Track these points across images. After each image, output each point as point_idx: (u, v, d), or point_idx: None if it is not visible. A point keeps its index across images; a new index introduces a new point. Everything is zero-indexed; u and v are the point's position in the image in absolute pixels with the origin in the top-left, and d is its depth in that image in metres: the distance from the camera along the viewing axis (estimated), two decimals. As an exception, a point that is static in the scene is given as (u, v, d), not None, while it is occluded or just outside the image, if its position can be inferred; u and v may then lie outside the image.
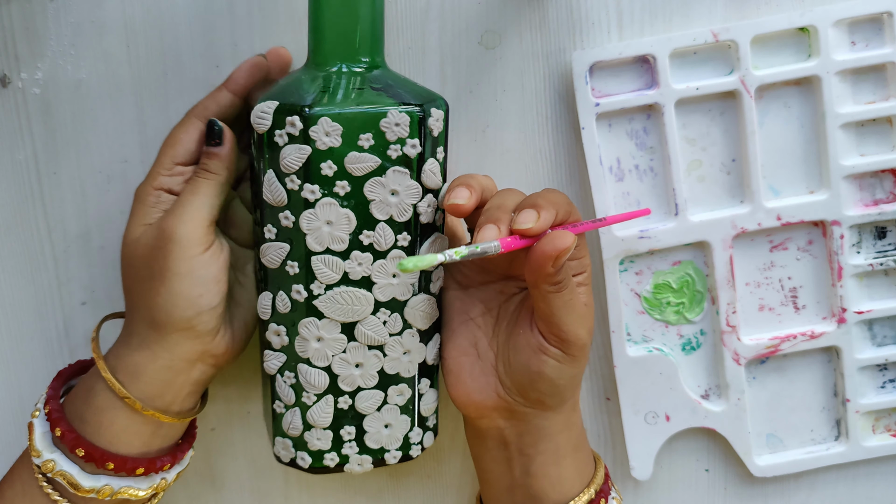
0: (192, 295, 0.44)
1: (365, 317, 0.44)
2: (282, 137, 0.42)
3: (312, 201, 0.43)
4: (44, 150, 0.51)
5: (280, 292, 0.45)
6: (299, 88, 0.43)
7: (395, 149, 0.42)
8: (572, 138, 0.52)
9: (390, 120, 0.42)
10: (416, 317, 0.45)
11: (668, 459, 0.55)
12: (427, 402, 0.47)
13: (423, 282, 0.45)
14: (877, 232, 0.52)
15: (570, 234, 0.40)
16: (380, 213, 0.43)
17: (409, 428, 0.46)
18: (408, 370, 0.46)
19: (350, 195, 0.43)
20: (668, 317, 0.53)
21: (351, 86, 0.43)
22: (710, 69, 0.50)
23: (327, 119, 0.41)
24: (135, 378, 0.45)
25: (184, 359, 0.45)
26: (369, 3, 0.43)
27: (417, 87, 0.45)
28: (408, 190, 0.43)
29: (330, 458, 0.46)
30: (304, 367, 0.45)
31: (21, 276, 0.53)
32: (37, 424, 0.45)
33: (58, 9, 0.50)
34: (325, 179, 0.42)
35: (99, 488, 0.44)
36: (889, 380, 0.53)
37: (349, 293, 0.44)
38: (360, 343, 0.45)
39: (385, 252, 0.43)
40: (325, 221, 0.43)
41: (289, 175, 0.42)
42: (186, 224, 0.44)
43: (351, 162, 0.42)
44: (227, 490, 0.55)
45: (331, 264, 0.43)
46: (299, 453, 0.46)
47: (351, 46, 0.44)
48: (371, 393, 0.45)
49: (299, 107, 0.42)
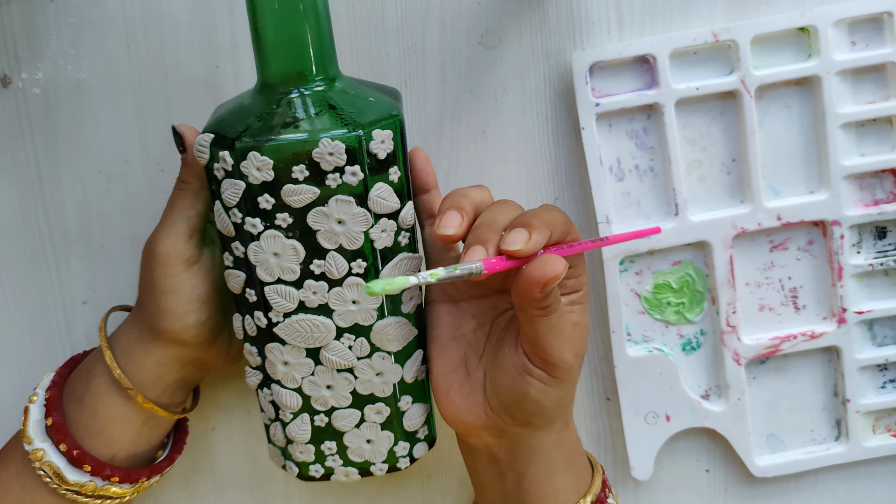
0: (178, 312, 0.44)
1: (328, 343, 0.42)
2: (219, 171, 0.41)
3: (255, 234, 0.41)
4: (44, 150, 0.51)
5: (246, 316, 0.44)
6: (238, 116, 0.41)
7: (334, 178, 0.39)
8: (572, 138, 0.52)
9: (322, 150, 0.39)
10: (384, 341, 0.43)
11: (669, 459, 0.55)
12: (411, 417, 0.45)
13: (389, 305, 0.42)
14: (877, 232, 0.52)
15: (560, 261, 0.38)
16: (328, 242, 0.41)
17: (392, 443, 0.45)
18: (382, 390, 0.44)
19: (293, 227, 0.40)
20: (669, 317, 0.53)
21: (293, 111, 0.40)
22: (710, 69, 0.50)
23: (255, 154, 0.39)
24: (129, 366, 0.46)
25: (177, 360, 0.46)
26: (312, 12, 0.40)
27: (374, 98, 0.42)
28: (355, 218, 0.40)
29: (315, 469, 0.46)
30: (277, 387, 0.44)
31: (22, 275, 0.53)
32: (33, 410, 0.46)
33: (58, 9, 0.50)
34: (264, 213, 0.40)
35: (83, 483, 0.45)
36: (889, 380, 0.53)
37: (307, 321, 0.42)
38: (326, 367, 0.43)
39: (340, 280, 0.41)
40: (271, 253, 0.41)
41: (231, 208, 0.41)
42: (164, 241, 0.44)
43: (287, 195, 0.40)
44: (227, 490, 0.55)
45: (284, 294, 0.42)
46: (287, 462, 0.46)
47: (298, 64, 0.41)
48: (347, 412, 0.44)
49: (229, 140, 0.40)
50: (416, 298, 0.44)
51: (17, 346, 0.53)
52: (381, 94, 0.43)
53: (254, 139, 0.39)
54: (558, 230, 0.40)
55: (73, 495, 0.45)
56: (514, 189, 0.52)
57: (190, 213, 0.44)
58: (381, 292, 0.34)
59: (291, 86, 0.41)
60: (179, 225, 0.44)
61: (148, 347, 0.45)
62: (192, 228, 0.44)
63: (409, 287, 0.35)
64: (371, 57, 0.51)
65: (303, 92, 0.41)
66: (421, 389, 0.46)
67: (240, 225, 0.41)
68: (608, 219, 0.51)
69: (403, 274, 0.41)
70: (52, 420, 0.45)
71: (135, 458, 0.47)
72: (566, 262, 0.38)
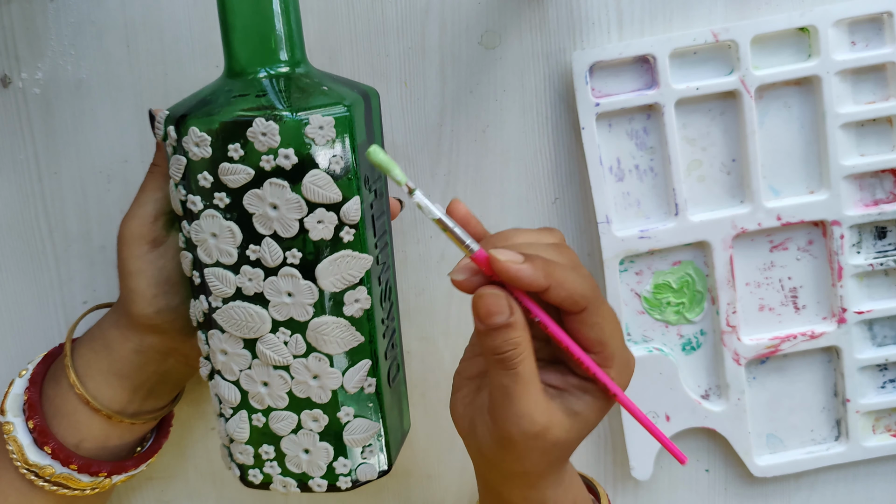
0: (147, 294, 0.44)
1: (263, 334, 0.41)
2: (169, 147, 0.41)
3: (196, 213, 0.41)
4: (44, 149, 0.51)
5: (195, 301, 0.43)
6: (196, 95, 0.42)
7: (268, 160, 0.39)
8: (572, 138, 0.52)
9: (256, 129, 0.38)
10: (320, 341, 0.41)
11: (669, 459, 0.55)
12: (353, 432, 0.43)
13: (328, 303, 0.41)
14: (877, 232, 0.52)
15: (498, 300, 0.35)
16: (263, 227, 0.40)
17: (331, 457, 0.43)
18: (319, 396, 0.42)
19: (231, 207, 0.40)
20: (668, 317, 0.53)
21: (239, 90, 0.40)
22: (710, 69, 0.50)
23: (195, 129, 0.39)
24: (108, 351, 0.46)
25: (155, 349, 0.46)
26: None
27: (328, 88, 0.41)
28: (288, 203, 0.39)
29: (253, 474, 0.44)
30: (218, 378, 0.44)
31: (22, 275, 0.53)
32: (17, 384, 0.46)
33: (58, 9, 0.50)
34: (203, 191, 0.40)
35: (42, 466, 0.45)
36: (889, 380, 0.53)
37: (243, 308, 0.41)
38: (262, 362, 0.42)
39: (275, 269, 0.40)
40: (210, 234, 0.41)
41: (178, 185, 0.41)
42: (130, 221, 0.44)
43: (224, 173, 0.39)
44: (227, 489, 0.55)
45: (222, 278, 0.41)
46: (232, 464, 0.45)
47: (259, 47, 0.41)
48: (283, 414, 0.43)
49: (178, 117, 0.40)
50: (362, 302, 0.42)
51: (17, 345, 0.53)
52: (341, 87, 0.42)
53: (196, 116, 0.40)
54: (567, 288, 0.35)
55: (31, 476, 0.45)
56: (514, 189, 0.52)
57: (158, 195, 0.44)
58: (373, 157, 0.34)
59: (253, 67, 0.41)
60: (147, 207, 0.44)
61: (125, 332, 0.45)
62: (158, 210, 0.44)
63: (402, 183, 0.35)
64: (371, 57, 0.51)
65: (258, 73, 0.41)
66: (367, 404, 0.43)
67: (184, 202, 0.41)
68: (608, 219, 0.51)
69: (344, 273, 0.40)
70: (28, 396, 0.45)
71: (104, 450, 0.47)
72: (508, 309, 0.35)
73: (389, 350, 0.45)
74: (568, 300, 0.35)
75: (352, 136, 0.40)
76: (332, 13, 0.50)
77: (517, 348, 0.35)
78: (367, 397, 0.43)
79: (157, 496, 0.55)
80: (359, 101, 0.41)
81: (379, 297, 0.43)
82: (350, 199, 0.40)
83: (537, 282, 0.35)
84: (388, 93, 0.51)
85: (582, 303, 0.36)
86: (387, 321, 0.45)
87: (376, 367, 0.43)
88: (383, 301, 0.44)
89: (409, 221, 0.52)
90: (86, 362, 0.46)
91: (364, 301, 0.42)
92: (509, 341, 0.35)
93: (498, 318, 0.35)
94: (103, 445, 0.46)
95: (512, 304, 0.36)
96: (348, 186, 0.40)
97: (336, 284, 0.41)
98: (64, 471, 0.45)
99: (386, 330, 0.45)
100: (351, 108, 0.40)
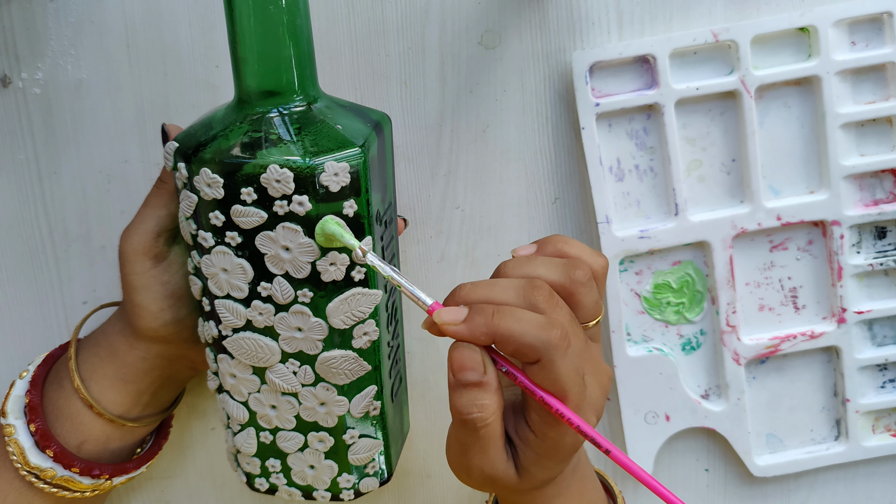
0: (152, 309, 0.44)
1: (272, 364, 0.42)
2: (178, 181, 0.41)
3: (207, 248, 0.40)
4: (44, 150, 0.51)
5: (205, 323, 0.43)
6: (205, 129, 0.41)
7: (281, 205, 0.38)
8: (572, 138, 0.52)
9: (269, 176, 0.38)
10: (329, 373, 0.41)
11: (668, 459, 0.55)
12: (358, 451, 0.44)
13: (337, 338, 0.41)
14: (877, 232, 0.52)
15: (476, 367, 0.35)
16: (274, 267, 0.40)
17: (335, 473, 0.44)
18: (326, 420, 0.43)
19: (242, 246, 0.40)
20: (668, 317, 0.53)
21: (254, 131, 0.39)
22: (710, 69, 0.50)
23: (207, 170, 0.39)
24: (113, 357, 0.46)
25: (162, 357, 0.46)
26: (291, 31, 0.39)
27: (343, 126, 0.40)
28: (301, 247, 0.39)
29: (260, 482, 0.45)
30: (227, 397, 0.44)
31: (22, 275, 0.53)
32: (18, 386, 0.46)
33: (58, 9, 0.50)
34: (215, 228, 0.40)
35: (43, 468, 0.45)
36: (889, 380, 0.53)
37: (254, 340, 0.41)
38: (270, 389, 0.42)
39: (286, 306, 0.40)
40: (220, 269, 0.40)
41: (188, 219, 0.41)
42: (131, 237, 0.44)
43: (236, 215, 0.39)
44: (227, 489, 0.55)
45: (232, 310, 0.41)
46: (238, 468, 0.46)
47: (273, 83, 0.40)
48: (291, 434, 0.43)
49: (188, 152, 0.39)
50: (370, 335, 0.42)
51: (17, 346, 0.53)
52: (355, 122, 0.41)
53: (209, 155, 0.39)
54: (514, 342, 0.34)
55: (32, 478, 0.45)
56: (514, 189, 0.52)
57: (161, 212, 0.44)
58: (319, 234, 0.37)
59: (265, 104, 0.40)
60: (149, 223, 0.44)
61: (130, 341, 0.45)
62: (161, 227, 0.44)
63: (361, 255, 0.37)
64: (371, 57, 0.51)
65: (271, 112, 0.40)
66: (371, 425, 0.44)
67: (195, 236, 0.41)
68: (608, 219, 0.51)
69: (354, 311, 0.40)
70: (30, 399, 0.45)
71: (105, 453, 0.47)
72: (482, 367, 0.35)
73: (393, 367, 0.46)
74: (517, 353, 0.35)
75: (365, 178, 0.39)
76: (332, 13, 0.50)
77: (483, 412, 0.35)
78: (372, 419, 0.44)
79: (157, 496, 0.55)
80: (372, 138, 0.41)
81: (386, 323, 0.43)
82: (363, 240, 0.40)
83: (476, 340, 0.35)
84: (388, 93, 0.51)
85: (532, 355, 0.34)
86: (392, 342, 0.45)
87: (381, 391, 0.43)
88: (389, 324, 0.44)
89: (409, 221, 0.52)
90: (90, 366, 0.46)
91: (372, 334, 0.42)
92: (476, 404, 0.35)
93: (469, 375, 0.35)
94: (104, 448, 0.46)
95: (486, 363, 0.35)
96: (361, 227, 0.40)
97: (346, 322, 0.40)
98: (65, 473, 0.45)
99: (391, 351, 0.45)
100: (365, 148, 0.39)
